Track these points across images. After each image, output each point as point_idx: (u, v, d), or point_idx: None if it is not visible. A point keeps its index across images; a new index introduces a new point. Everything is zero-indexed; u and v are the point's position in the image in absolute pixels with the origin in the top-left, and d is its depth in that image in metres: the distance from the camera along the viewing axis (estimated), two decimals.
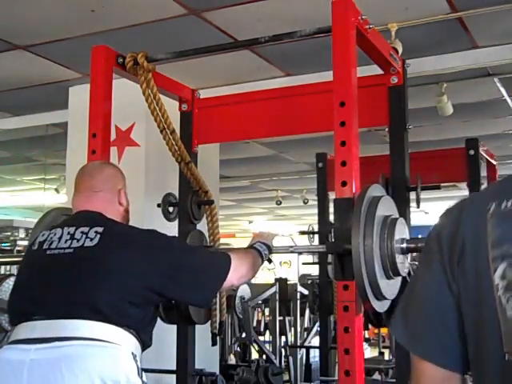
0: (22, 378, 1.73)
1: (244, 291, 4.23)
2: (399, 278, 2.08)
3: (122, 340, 1.83)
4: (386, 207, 2.02)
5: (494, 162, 4.61)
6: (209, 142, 3.25)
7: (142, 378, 1.81)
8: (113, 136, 3.40)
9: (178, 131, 2.80)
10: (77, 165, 2.37)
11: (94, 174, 2.18)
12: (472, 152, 3.98)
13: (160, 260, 1.94)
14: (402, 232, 2.01)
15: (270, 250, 2.30)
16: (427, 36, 3.75)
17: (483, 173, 4.29)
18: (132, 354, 1.83)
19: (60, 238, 1.95)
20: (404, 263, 2.02)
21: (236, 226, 15.85)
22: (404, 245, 2.01)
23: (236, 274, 2.09)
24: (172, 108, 2.90)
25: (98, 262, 1.88)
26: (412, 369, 1.07)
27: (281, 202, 9.75)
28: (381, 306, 2.02)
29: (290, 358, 5.07)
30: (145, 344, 1.95)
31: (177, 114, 3.01)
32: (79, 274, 1.88)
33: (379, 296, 1.95)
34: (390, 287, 2.01)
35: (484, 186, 4.20)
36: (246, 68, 4.32)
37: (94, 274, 1.87)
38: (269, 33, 2.58)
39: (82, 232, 1.94)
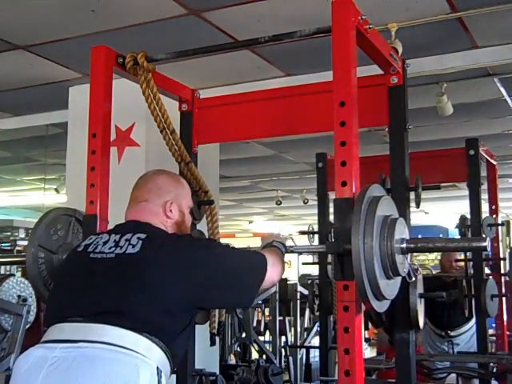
0: (40, 373, 1.73)
1: None
2: (399, 278, 2.08)
3: (150, 352, 1.78)
4: (386, 207, 2.02)
5: (494, 162, 4.61)
6: (209, 141, 3.25)
7: None
8: (113, 136, 3.41)
9: (178, 131, 2.80)
10: (77, 165, 2.38)
11: (140, 185, 2.17)
12: (472, 152, 3.98)
13: (199, 270, 1.90)
14: (401, 232, 2.01)
15: (286, 248, 2.28)
16: (427, 36, 3.75)
17: (483, 173, 4.30)
18: (157, 368, 1.78)
19: (105, 243, 1.95)
20: (404, 263, 2.02)
21: (236, 225, 15.86)
22: (404, 245, 2.00)
23: (274, 270, 2.08)
24: (172, 108, 2.90)
25: (136, 270, 1.86)
26: None
27: (281, 202, 9.75)
28: (380, 306, 2.02)
29: (290, 358, 5.08)
30: (175, 357, 1.88)
31: (177, 114, 3.00)
32: (116, 281, 1.86)
33: (379, 296, 1.94)
34: (390, 287, 2.01)
35: (484, 187, 4.21)
36: (246, 68, 4.32)
37: (131, 281, 1.85)
38: (269, 33, 2.58)
39: (126, 239, 1.93)
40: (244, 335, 4.45)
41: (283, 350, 6.10)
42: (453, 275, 5.02)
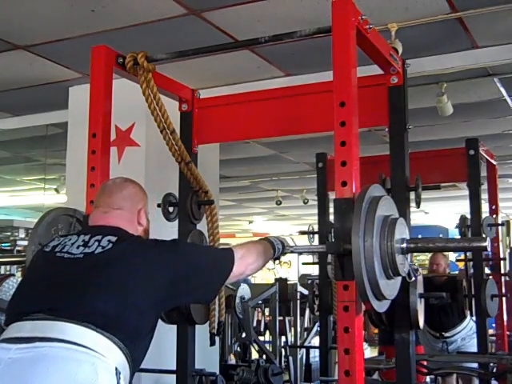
0: None
1: (244, 291, 4.23)
2: (399, 278, 2.08)
3: (109, 352, 1.75)
4: (386, 207, 2.02)
5: (494, 162, 4.61)
6: (209, 141, 3.25)
7: None
8: (113, 136, 3.40)
9: (178, 131, 2.80)
10: (77, 165, 2.38)
11: (113, 191, 2.14)
12: (472, 152, 3.98)
13: (162, 267, 1.91)
14: (402, 232, 2.01)
15: (284, 245, 2.28)
16: (427, 36, 3.75)
17: (483, 173, 4.30)
18: (116, 369, 1.75)
19: (73, 244, 1.95)
20: (404, 263, 2.02)
21: (236, 225, 15.86)
22: (404, 245, 2.00)
23: (243, 262, 2.10)
24: (172, 108, 2.90)
25: (102, 269, 1.85)
26: None
27: (281, 202, 9.75)
28: (381, 306, 2.02)
29: (290, 358, 5.07)
30: (136, 362, 1.86)
31: (177, 114, 3.01)
32: (80, 278, 1.85)
33: (379, 296, 1.94)
34: (390, 287, 2.01)
35: (484, 187, 4.21)
36: (246, 68, 4.32)
37: (96, 279, 1.84)
38: (269, 33, 2.59)
39: (96, 240, 1.93)
40: (244, 335, 4.44)
41: (283, 350, 6.10)
42: (444, 276, 5.06)
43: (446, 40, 3.84)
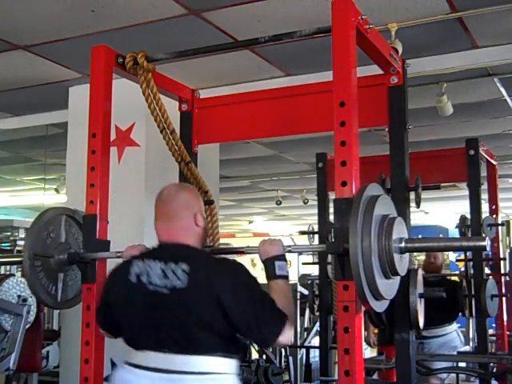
0: None
1: None
2: (398, 278, 2.08)
3: (227, 368, 2.11)
4: (384, 206, 2.02)
5: (494, 162, 4.61)
6: (209, 141, 3.25)
7: None
8: (113, 136, 3.41)
9: (178, 131, 2.80)
10: (77, 165, 2.38)
11: (168, 202, 2.26)
12: (472, 152, 3.98)
13: (243, 303, 2.08)
14: (400, 231, 2.00)
15: (285, 258, 2.24)
16: (427, 36, 3.75)
17: (483, 173, 4.30)
18: (237, 375, 2.15)
19: (154, 273, 2.13)
20: (402, 263, 2.02)
21: (236, 226, 15.85)
22: (402, 244, 2.00)
23: (287, 335, 2.14)
24: (172, 108, 2.90)
25: (190, 306, 2.07)
26: None
27: (281, 202, 9.74)
28: (379, 306, 2.02)
29: (290, 358, 5.07)
30: (239, 357, 2.21)
31: (177, 114, 3.01)
32: (179, 315, 2.08)
33: (377, 296, 1.94)
34: (389, 287, 2.01)
35: (484, 187, 4.21)
36: (246, 68, 4.32)
37: (191, 316, 2.07)
38: (269, 33, 2.58)
39: (172, 270, 2.10)
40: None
41: (283, 350, 6.10)
42: (439, 275, 5.05)
43: (446, 40, 3.84)
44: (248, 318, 2.06)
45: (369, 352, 6.50)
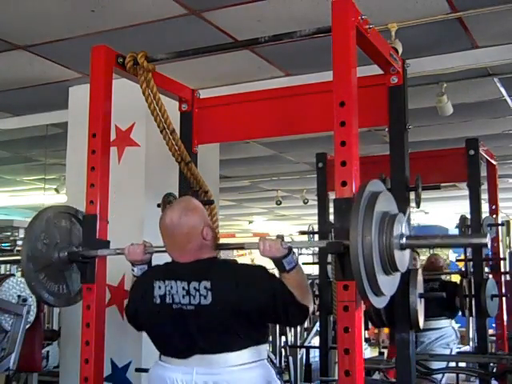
0: None
1: None
2: (398, 274, 2.08)
3: (258, 355, 2.26)
4: (386, 203, 2.01)
5: (493, 162, 4.61)
6: (209, 141, 3.25)
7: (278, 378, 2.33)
8: (113, 136, 3.41)
9: (178, 131, 2.80)
10: (77, 165, 2.38)
11: (173, 233, 2.30)
12: (472, 152, 3.99)
13: (267, 304, 2.21)
14: (401, 228, 2.00)
15: (290, 251, 2.25)
16: (427, 36, 3.75)
17: (483, 173, 4.30)
18: (268, 360, 2.31)
19: (177, 292, 2.26)
20: (403, 259, 2.01)
21: (236, 226, 15.85)
22: (403, 240, 2.00)
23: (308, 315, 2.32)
24: (172, 108, 2.90)
25: (216, 318, 2.21)
26: None
27: (281, 202, 9.74)
28: (379, 302, 2.02)
29: (290, 358, 5.07)
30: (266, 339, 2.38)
31: (177, 114, 3.01)
32: (207, 325, 2.22)
33: (378, 292, 1.94)
34: (389, 283, 2.00)
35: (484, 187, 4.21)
36: (246, 68, 4.32)
37: (218, 326, 2.21)
38: (269, 33, 2.58)
39: (195, 288, 2.23)
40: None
41: (283, 350, 6.09)
42: (438, 273, 5.07)
43: (446, 40, 3.84)
44: (271, 315, 2.24)
45: (369, 352, 6.50)
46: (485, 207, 4.30)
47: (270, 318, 2.31)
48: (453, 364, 4.32)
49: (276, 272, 2.32)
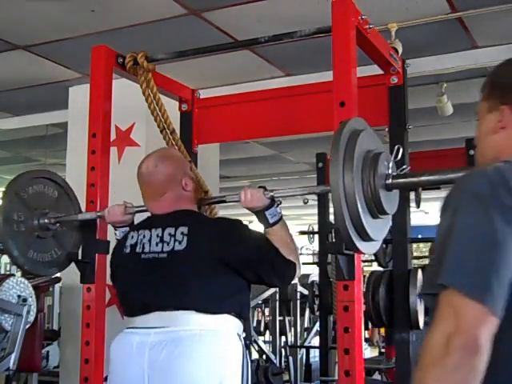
0: (145, 356, 1.98)
1: None
2: (388, 218, 1.96)
3: (227, 325, 2.04)
4: (369, 141, 1.87)
5: None
6: (209, 141, 3.25)
7: (246, 356, 2.07)
8: (113, 136, 3.40)
9: (178, 131, 2.80)
10: (77, 165, 2.38)
11: (150, 180, 2.21)
12: (472, 152, 3.98)
13: (248, 258, 2.07)
14: (386, 167, 1.86)
15: (273, 203, 2.24)
16: (427, 36, 3.75)
17: None
18: (237, 335, 2.06)
19: (150, 241, 2.11)
20: (390, 201, 1.88)
21: None
22: (389, 180, 1.86)
23: (297, 272, 2.18)
24: (172, 108, 2.90)
25: (190, 264, 2.04)
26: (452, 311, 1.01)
27: (281, 202, 9.73)
28: (368, 248, 1.89)
29: (290, 358, 5.08)
30: (245, 317, 2.13)
31: (177, 114, 3.01)
32: (178, 276, 2.05)
33: (365, 236, 1.80)
34: (377, 226, 1.86)
35: None
36: (245, 68, 4.32)
37: (190, 274, 2.04)
38: (269, 33, 2.58)
39: (170, 234, 2.08)
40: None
41: (283, 350, 6.10)
42: None
43: (446, 40, 3.84)
44: (256, 271, 2.08)
45: (369, 352, 6.50)
46: None
47: (254, 275, 2.08)
48: None
49: None
